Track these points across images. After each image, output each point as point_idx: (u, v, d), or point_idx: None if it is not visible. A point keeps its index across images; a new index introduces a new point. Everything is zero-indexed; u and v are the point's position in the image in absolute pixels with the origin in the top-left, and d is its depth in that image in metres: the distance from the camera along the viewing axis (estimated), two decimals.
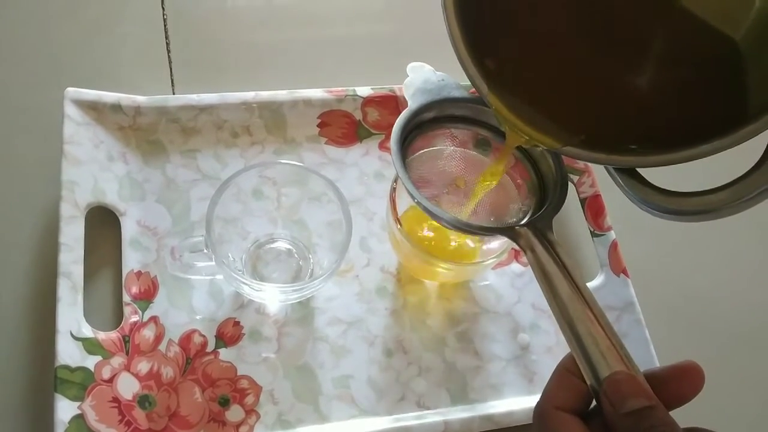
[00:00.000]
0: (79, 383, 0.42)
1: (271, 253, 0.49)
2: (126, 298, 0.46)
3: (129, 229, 0.48)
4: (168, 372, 0.45)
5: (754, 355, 0.53)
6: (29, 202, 0.50)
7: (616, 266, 0.51)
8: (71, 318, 0.43)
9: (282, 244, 0.50)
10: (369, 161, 0.55)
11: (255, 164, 0.46)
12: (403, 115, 0.40)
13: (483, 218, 0.44)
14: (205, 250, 0.43)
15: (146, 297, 0.47)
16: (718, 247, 0.58)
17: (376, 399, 0.46)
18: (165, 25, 0.60)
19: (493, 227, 0.40)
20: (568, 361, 0.32)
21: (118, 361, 0.44)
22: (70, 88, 0.50)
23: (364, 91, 0.55)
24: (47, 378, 0.42)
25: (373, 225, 0.52)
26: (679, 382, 0.31)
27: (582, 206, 0.54)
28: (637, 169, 0.33)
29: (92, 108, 0.50)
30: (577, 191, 0.55)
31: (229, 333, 0.47)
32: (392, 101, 0.56)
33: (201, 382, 0.45)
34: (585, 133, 0.34)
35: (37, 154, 0.51)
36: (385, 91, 0.55)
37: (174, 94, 0.56)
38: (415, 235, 0.46)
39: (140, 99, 0.51)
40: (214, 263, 0.43)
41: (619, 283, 0.51)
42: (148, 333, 0.45)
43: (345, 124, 0.55)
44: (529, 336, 0.50)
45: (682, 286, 0.55)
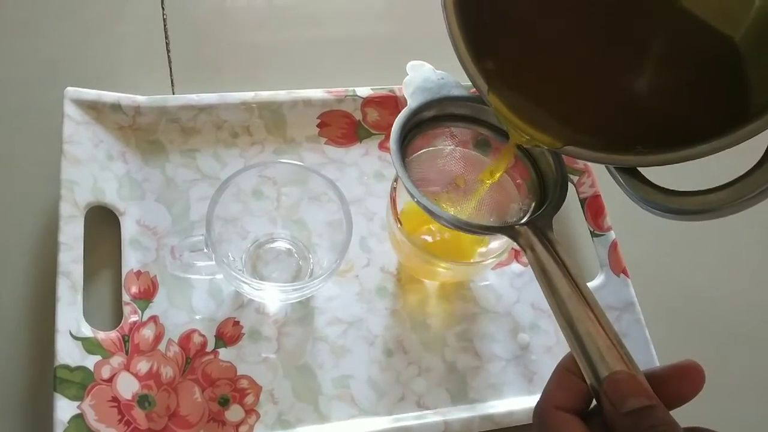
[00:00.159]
0: (79, 383, 0.42)
1: (271, 253, 0.49)
2: (125, 297, 0.46)
3: (128, 228, 0.48)
4: (168, 372, 0.45)
5: (754, 354, 0.53)
6: (29, 201, 0.50)
7: (616, 266, 0.51)
8: (71, 317, 0.43)
9: (282, 244, 0.50)
10: (369, 161, 0.55)
11: (255, 164, 0.46)
12: (403, 113, 0.40)
13: (483, 217, 0.44)
14: (205, 250, 0.43)
15: (146, 296, 0.47)
16: (718, 246, 0.58)
17: (376, 399, 0.46)
18: (165, 24, 0.60)
19: (492, 226, 0.40)
20: (568, 361, 0.32)
21: (117, 360, 0.44)
22: (70, 88, 0.50)
23: (363, 91, 0.55)
24: (47, 377, 0.42)
25: (373, 225, 0.52)
26: (679, 381, 0.31)
27: (582, 206, 0.54)
28: (638, 169, 0.33)
29: (92, 107, 0.50)
30: (577, 191, 0.55)
31: (229, 333, 0.47)
32: (392, 101, 0.56)
33: (201, 381, 0.45)
34: (585, 132, 0.34)
35: (37, 154, 0.51)
36: (384, 91, 0.56)
37: (174, 93, 0.56)
38: (415, 234, 0.46)
39: (140, 99, 0.51)
40: (214, 263, 0.43)
41: (619, 283, 0.51)
42: (148, 333, 0.45)
43: (345, 125, 0.55)
44: (528, 336, 0.50)
45: (682, 286, 0.55)
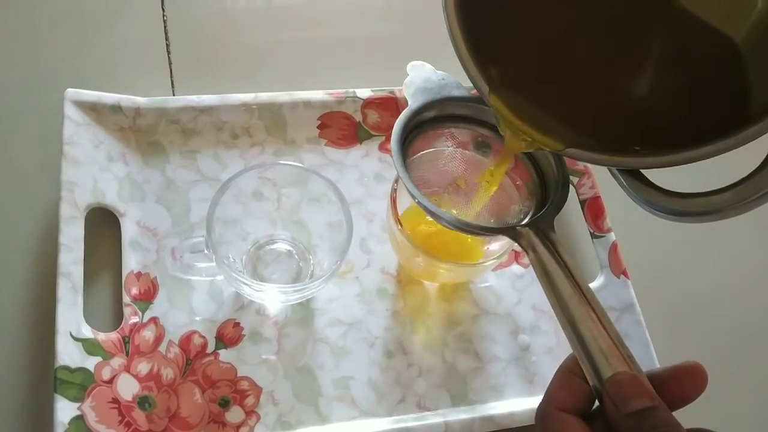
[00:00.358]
0: (79, 384, 0.42)
1: (271, 255, 0.49)
2: (126, 299, 0.46)
3: (129, 229, 0.48)
4: (168, 373, 0.44)
5: (754, 355, 0.53)
6: (29, 202, 0.50)
7: (616, 267, 0.51)
8: (71, 319, 0.43)
9: (282, 246, 0.50)
10: (369, 163, 0.55)
11: (255, 165, 0.46)
12: (404, 114, 0.40)
13: (484, 219, 0.44)
14: (206, 251, 0.43)
15: (146, 298, 0.46)
16: (718, 248, 0.58)
17: (377, 400, 0.46)
18: (165, 26, 0.60)
19: (494, 227, 0.40)
20: (570, 362, 0.32)
21: (118, 362, 0.44)
22: (70, 89, 0.50)
23: (364, 92, 0.55)
24: (47, 379, 0.42)
25: (373, 226, 0.52)
26: (681, 382, 0.31)
27: (582, 208, 0.54)
28: (641, 170, 0.33)
29: (92, 109, 0.50)
30: (577, 193, 0.55)
31: (230, 334, 0.46)
32: (392, 103, 0.56)
33: (201, 383, 0.45)
34: (587, 134, 0.34)
35: (37, 155, 0.51)
36: (385, 92, 0.56)
37: (174, 95, 0.56)
38: (416, 235, 0.46)
39: (140, 100, 0.51)
40: (214, 264, 0.43)
41: (619, 284, 0.51)
42: (148, 334, 0.45)
43: (345, 126, 0.55)
44: (529, 337, 0.50)
45: (682, 287, 0.55)
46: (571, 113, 0.35)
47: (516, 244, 0.37)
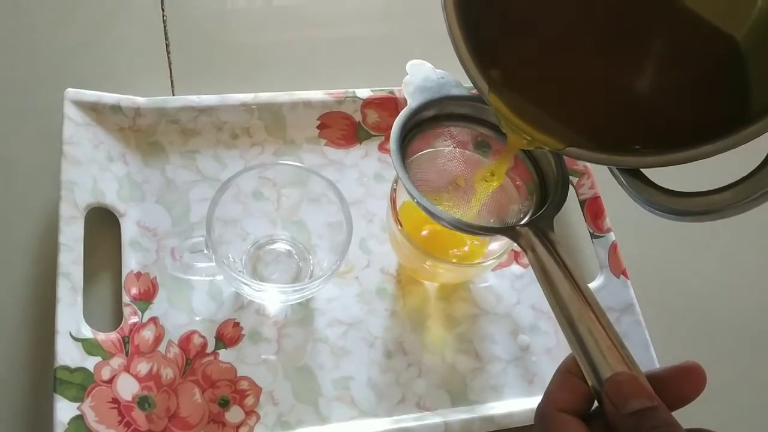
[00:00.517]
0: (79, 384, 0.42)
1: (271, 254, 0.49)
2: (125, 298, 0.46)
3: (129, 229, 0.48)
4: (168, 373, 0.44)
5: (754, 355, 0.53)
6: (29, 202, 0.50)
7: (616, 267, 0.51)
8: (71, 319, 0.43)
9: (282, 245, 0.50)
10: (369, 163, 0.55)
11: (255, 165, 0.46)
12: (403, 113, 0.40)
13: (483, 219, 0.44)
14: (206, 251, 0.43)
15: (146, 298, 0.46)
16: (718, 248, 0.58)
17: (376, 400, 0.46)
18: (165, 26, 0.60)
19: (493, 227, 0.40)
20: (569, 363, 0.32)
21: (117, 361, 0.44)
22: (70, 89, 0.50)
23: (363, 92, 0.55)
24: (47, 379, 0.42)
25: (373, 226, 0.52)
26: (680, 382, 0.31)
27: (581, 208, 0.54)
28: (641, 170, 0.33)
29: (92, 109, 0.50)
30: (577, 193, 0.55)
31: (229, 334, 0.46)
32: (392, 103, 0.56)
33: (201, 383, 0.45)
34: (587, 133, 0.34)
35: (37, 155, 0.51)
36: (384, 92, 0.56)
37: (174, 95, 0.56)
38: (416, 235, 0.46)
39: (140, 100, 0.51)
40: (214, 264, 0.43)
41: (618, 284, 0.51)
42: (148, 334, 0.45)
43: (345, 126, 0.55)
44: (529, 337, 0.50)
45: (682, 287, 0.55)
46: (571, 112, 0.35)
47: (515, 244, 0.37)
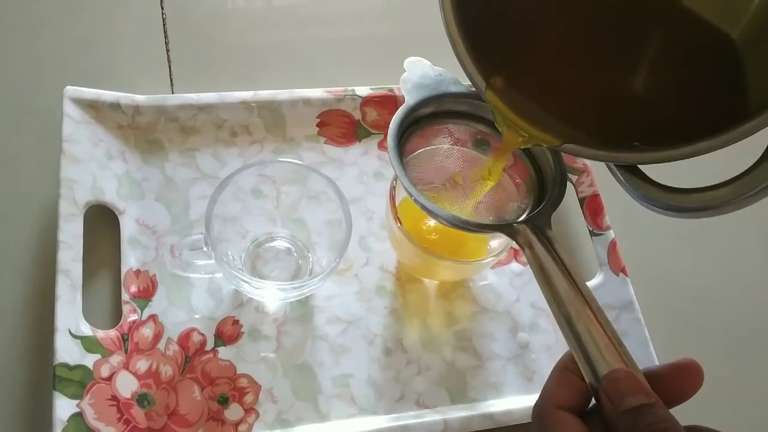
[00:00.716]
0: (78, 381, 0.42)
1: (271, 252, 0.49)
2: (125, 296, 0.46)
3: (128, 227, 0.48)
4: (167, 370, 0.44)
5: (753, 353, 0.53)
6: (28, 199, 0.50)
7: (615, 265, 0.51)
8: (70, 316, 0.43)
9: (281, 243, 0.50)
10: (368, 161, 0.55)
11: (254, 163, 0.46)
12: (400, 111, 0.40)
13: (482, 216, 0.44)
14: (205, 248, 0.43)
15: (145, 295, 0.47)
16: (718, 245, 0.58)
17: (376, 398, 0.46)
18: (164, 24, 0.60)
19: (491, 224, 0.40)
20: (567, 360, 0.32)
21: (116, 359, 0.44)
22: (70, 87, 0.50)
23: (363, 90, 0.55)
24: (46, 376, 0.42)
25: (373, 224, 0.52)
26: (678, 379, 0.31)
27: (581, 206, 0.54)
28: (638, 166, 0.33)
29: (91, 107, 0.50)
30: (576, 191, 0.55)
31: (229, 331, 0.47)
32: (391, 101, 0.56)
33: (200, 380, 0.45)
34: (585, 130, 0.34)
35: (37, 152, 0.51)
36: (384, 90, 0.56)
37: (173, 93, 0.56)
38: (415, 233, 0.46)
39: (139, 98, 0.51)
40: (213, 261, 0.43)
41: (618, 282, 0.51)
42: (147, 331, 0.45)
43: (344, 124, 0.55)
44: (528, 335, 0.50)
45: (681, 285, 0.55)
46: (568, 109, 0.35)
47: (513, 241, 0.37)
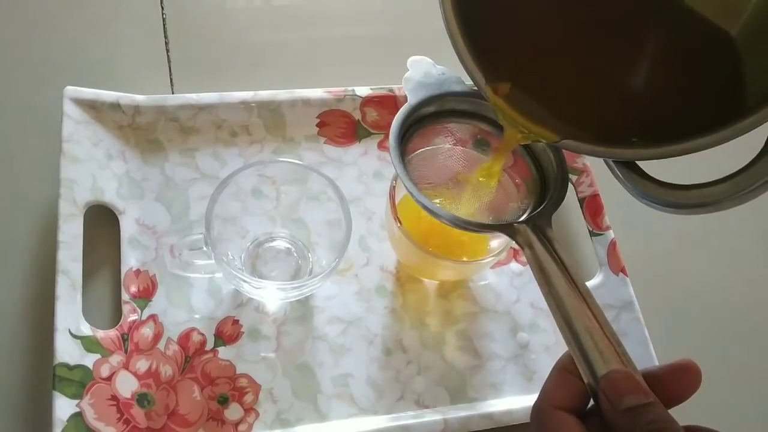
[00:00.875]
0: (78, 381, 0.42)
1: (270, 252, 0.49)
2: (125, 296, 0.46)
3: (128, 227, 0.48)
4: (167, 370, 0.45)
5: (752, 353, 0.53)
6: (28, 200, 0.50)
7: (615, 265, 0.51)
8: (70, 316, 0.43)
9: (281, 243, 0.50)
10: (368, 161, 0.55)
11: (254, 163, 0.46)
12: (402, 110, 0.40)
13: (482, 216, 0.44)
14: (205, 248, 0.43)
15: (145, 295, 0.47)
16: (717, 245, 0.58)
17: (376, 398, 0.46)
18: (164, 24, 0.60)
19: (491, 224, 0.40)
20: (566, 360, 0.32)
21: (116, 359, 0.44)
22: (70, 87, 0.50)
23: (363, 90, 0.55)
24: (46, 376, 0.42)
25: (372, 224, 0.52)
26: (676, 380, 0.31)
27: (581, 206, 0.54)
28: (637, 162, 0.33)
29: (91, 107, 0.50)
30: (576, 191, 0.55)
31: (228, 331, 0.47)
32: (391, 101, 0.56)
33: (200, 380, 0.45)
34: (584, 126, 0.34)
35: (36, 152, 0.51)
36: (384, 90, 0.56)
37: (173, 93, 0.56)
38: (415, 233, 0.46)
39: (139, 98, 0.51)
40: (213, 261, 0.43)
41: (617, 282, 0.51)
42: (147, 331, 0.45)
43: (344, 124, 0.55)
44: (528, 335, 0.50)
45: (681, 285, 0.55)
46: (567, 105, 0.35)
47: (513, 241, 0.37)
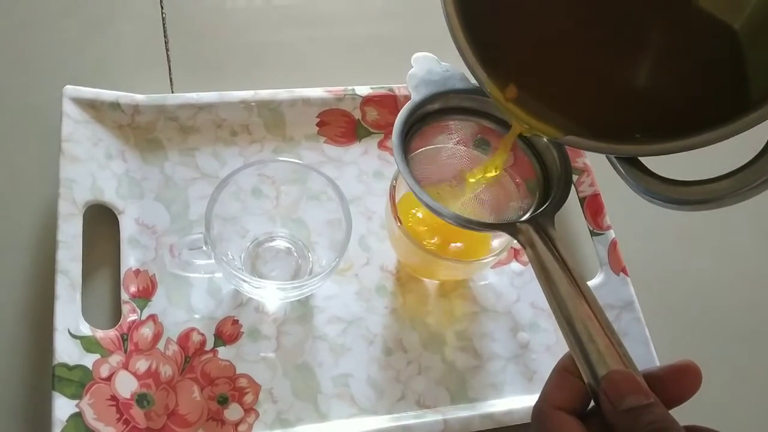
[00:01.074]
0: (77, 381, 0.42)
1: (270, 252, 0.49)
2: (124, 296, 0.46)
3: (127, 227, 0.48)
4: (166, 370, 0.44)
5: (753, 353, 0.53)
6: (27, 199, 0.50)
7: (616, 265, 0.51)
8: (69, 316, 0.43)
9: (281, 243, 0.50)
10: (368, 160, 0.55)
11: (254, 162, 0.46)
12: (406, 107, 0.40)
13: (483, 215, 0.43)
14: (204, 248, 0.43)
15: (145, 295, 0.46)
16: (718, 245, 0.57)
17: (376, 398, 0.46)
18: (164, 23, 0.60)
19: (494, 223, 0.40)
20: (566, 361, 0.32)
21: (116, 359, 0.44)
22: (69, 86, 0.50)
23: (363, 90, 0.55)
24: (45, 376, 0.42)
25: (373, 224, 0.52)
26: (677, 381, 0.31)
27: (581, 205, 0.54)
28: (639, 158, 0.32)
29: (91, 106, 0.50)
30: (577, 190, 0.54)
31: (228, 331, 0.46)
32: (391, 100, 0.56)
33: (200, 380, 0.45)
34: (586, 121, 0.34)
35: (36, 152, 0.51)
36: (384, 90, 0.55)
37: (173, 92, 0.56)
38: (415, 232, 0.46)
39: (139, 97, 0.51)
40: (213, 261, 0.43)
41: (618, 281, 0.51)
42: (147, 331, 0.45)
43: (344, 123, 0.55)
44: (528, 335, 0.50)
45: (682, 285, 0.55)
46: (570, 101, 0.35)
47: (515, 240, 0.36)
